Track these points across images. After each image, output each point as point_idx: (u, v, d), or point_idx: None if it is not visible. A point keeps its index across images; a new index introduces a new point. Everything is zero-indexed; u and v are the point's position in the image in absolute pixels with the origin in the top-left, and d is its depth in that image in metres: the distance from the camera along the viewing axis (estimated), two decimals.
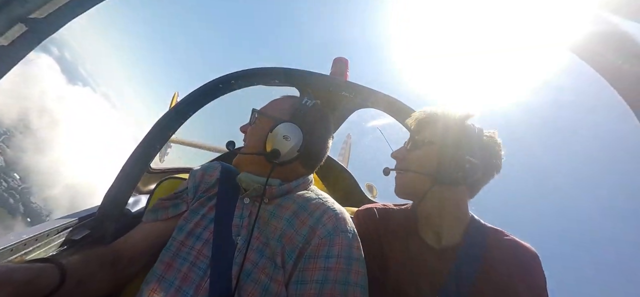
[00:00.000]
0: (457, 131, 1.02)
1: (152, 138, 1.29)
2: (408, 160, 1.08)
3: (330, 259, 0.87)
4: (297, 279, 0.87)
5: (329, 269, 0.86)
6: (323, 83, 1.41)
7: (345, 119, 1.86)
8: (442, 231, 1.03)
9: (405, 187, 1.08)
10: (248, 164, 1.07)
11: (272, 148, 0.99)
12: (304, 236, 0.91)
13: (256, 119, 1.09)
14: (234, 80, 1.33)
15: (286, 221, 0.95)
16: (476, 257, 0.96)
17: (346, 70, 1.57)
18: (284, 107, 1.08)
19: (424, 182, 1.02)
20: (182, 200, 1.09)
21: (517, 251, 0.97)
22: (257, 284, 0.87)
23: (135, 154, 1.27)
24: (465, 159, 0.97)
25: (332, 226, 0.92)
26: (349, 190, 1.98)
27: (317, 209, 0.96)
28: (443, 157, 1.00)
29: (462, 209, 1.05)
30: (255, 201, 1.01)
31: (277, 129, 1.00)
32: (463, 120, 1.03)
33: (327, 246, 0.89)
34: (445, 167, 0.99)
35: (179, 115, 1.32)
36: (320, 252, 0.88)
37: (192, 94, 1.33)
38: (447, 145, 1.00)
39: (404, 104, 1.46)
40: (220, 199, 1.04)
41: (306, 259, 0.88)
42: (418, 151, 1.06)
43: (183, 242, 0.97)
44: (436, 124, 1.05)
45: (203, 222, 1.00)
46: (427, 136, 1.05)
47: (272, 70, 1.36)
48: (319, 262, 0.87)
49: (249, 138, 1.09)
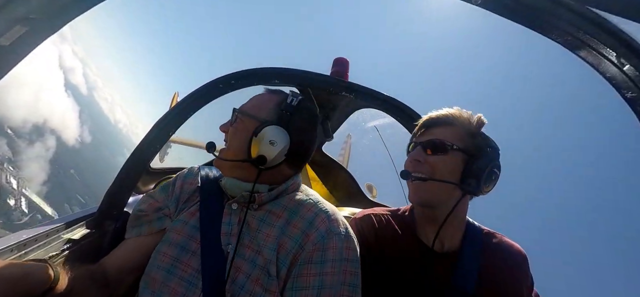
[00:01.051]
0: (481, 139, 0.98)
1: (152, 138, 1.29)
2: (431, 165, 0.97)
3: (325, 264, 0.86)
4: (292, 286, 0.85)
5: (324, 274, 0.85)
6: (323, 83, 1.41)
7: (345, 119, 1.86)
8: (445, 237, 1.01)
9: (429, 196, 0.97)
10: (231, 169, 1.00)
11: (258, 154, 0.92)
12: (297, 241, 0.89)
13: (238, 118, 1.00)
14: (233, 80, 1.33)
15: (279, 228, 0.91)
16: (476, 261, 0.97)
17: (346, 70, 1.57)
18: (269, 106, 0.99)
19: (450, 192, 0.96)
20: (164, 214, 1.04)
21: (510, 254, 1.00)
22: (251, 296, 0.85)
23: (135, 154, 1.27)
24: (493, 172, 0.94)
25: (324, 229, 0.90)
26: (349, 190, 1.98)
27: (308, 212, 0.94)
28: (471, 167, 0.94)
29: (465, 215, 1.04)
30: (244, 207, 0.96)
31: (263, 133, 0.93)
32: (482, 127, 1.00)
33: (321, 251, 0.87)
34: (474, 179, 0.93)
35: (179, 116, 1.32)
36: (314, 257, 0.87)
37: (192, 94, 1.33)
38: (474, 154, 0.95)
39: (403, 104, 1.46)
40: (204, 207, 0.98)
41: (301, 265, 0.86)
42: (443, 156, 0.97)
43: (170, 256, 0.92)
44: (460, 128, 0.99)
45: (189, 232, 0.95)
46: (452, 140, 0.97)
47: (272, 70, 1.36)
48: (313, 268, 0.86)
49: (231, 140, 1.00)
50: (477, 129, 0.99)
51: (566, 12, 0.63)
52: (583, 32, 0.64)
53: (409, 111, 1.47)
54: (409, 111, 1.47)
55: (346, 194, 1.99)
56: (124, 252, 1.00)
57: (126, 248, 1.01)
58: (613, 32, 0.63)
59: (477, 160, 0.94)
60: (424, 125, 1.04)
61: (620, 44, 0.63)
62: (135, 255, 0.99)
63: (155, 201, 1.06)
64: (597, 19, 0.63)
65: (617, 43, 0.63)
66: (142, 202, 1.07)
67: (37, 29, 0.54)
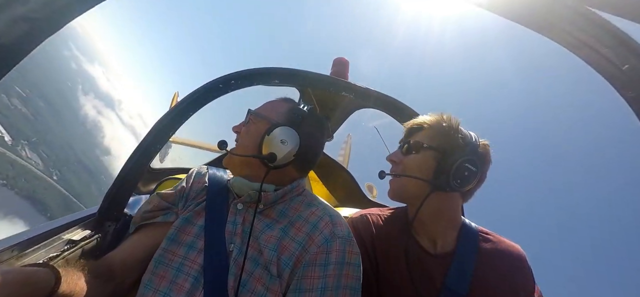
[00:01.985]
0: (456, 137, 1.00)
1: (152, 138, 1.29)
2: (404, 164, 1.05)
3: (328, 267, 0.88)
4: (295, 288, 0.87)
5: (327, 276, 0.87)
6: (323, 83, 1.41)
7: (346, 119, 1.86)
8: (437, 237, 1.03)
9: (401, 192, 1.06)
10: (240, 167, 1.03)
11: (269, 151, 0.96)
12: (301, 243, 0.90)
13: (251, 119, 1.05)
14: (234, 81, 1.33)
15: (281, 230, 0.93)
16: (470, 262, 0.97)
17: (346, 70, 1.58)
18: (281, 110, 1.05)
19: (420, 187, 1.00)
20: (171, 210, 1.05)
21: (507, 254, 1.00)
22: (254, 295, 0.86)
23: (136, 154, 1.27)
24: (464, 167, 0.96)
25: (328, 233, 0.92)
26: (349, 191, 1.98)
27: (312, 216, 0.96)
28: (442, 164, 0.97)
29: (456, 215, 1.05)
30: (250, 207, 0.99)
31: (275, 132, 0.97)
32: (459, 126, 1.02)
33: (325, 253, 0.89)
34: (444, 174, 0.96)
35: (179, 116, 1.32)
36: (318, 260, 0.88)
37: (192, 94, 1.33)
38: (446, 151, 0.98)
39: (403, 104, 1.46)
40: (210, 205, 1.01)
41: (304, 267, 0.88)
42: (415, 154, 1.03)
43: (175, 252, 0.93)
44: (433, 129, 1.03)
45: (194, 230, 0.96)
46: (424, 140, 1.02)
47: (272, 71, 1.36)
48: (317, 271, 0.87)
49: (243, 139, 1.05)
50: (449, 128, 1.01)
51: (566, 12, 0.63)
52: (583, 32, 0.64)
53: (408, 111, 1.47)
54: (408, 111, 1.47)
55: (346, 194, 1.99)
56: (130, 246, 1.01)
57: (131, 242, 1.02)
58: (613, 32, 0.63)
59: (449, 157, 0.97)
60: (406, 133, 1.11)
61: (620, 44, 0.63)
62: (140, 249, 0.99)
63: (161, 200, 1.07)
64: (597, 19, 0.63)
65: (617, 43, 0.63)
66: (150, 202, 1.09)
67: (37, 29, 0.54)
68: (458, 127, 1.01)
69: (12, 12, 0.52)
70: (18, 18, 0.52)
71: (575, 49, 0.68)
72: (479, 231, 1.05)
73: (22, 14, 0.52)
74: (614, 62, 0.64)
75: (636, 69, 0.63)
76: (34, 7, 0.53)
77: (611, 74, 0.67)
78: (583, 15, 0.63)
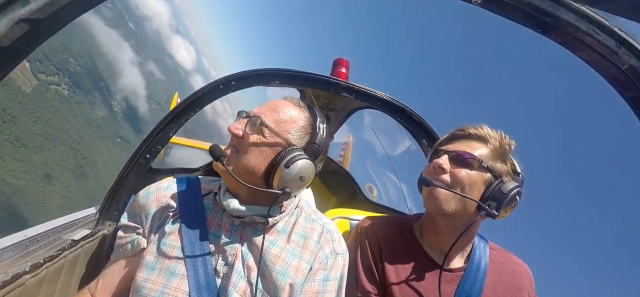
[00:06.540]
0: (512, 163, 0.94)
1: (153, 139, 1.30)
2: (456, 176, 0.93)
3: (328, 282, 0.89)
4: None
5: (326, 292, 0.88)
6: (323, 84, 1.41)
7: (346, 119, 1.86)
8: (454, 253, 0.99)
9: (447, 206, 0.93)
10: (237, 184, 0.86)
11: (283, 186, 0.84)
12: (309, 262, 0.90)
13: (261, 128, 0.88)
14: (234, 81, 1.33)
15: (289, 252, 0.89)
16: (480, 279, 0.97)
17: (347, 71, 1.58)
18: (295, 127, 0.89)
19: (466, 207, 0.93)
20: (137, 234, 0.94)
21: (516, 271, 1.01)
22: None
23: (136, 155, 1.28)
24: (515, 198, 0.91)
25: (329, 250, 0.93)
26: (350, 192, 1.98)
27: (313, 231, 0.95)
28: (495, 190, 0.91)
29: (475, 233, 1.02)
30: (249, 226, 0.91)
31: (295, 166, 0.83)
32: (510, 150, 0.95)
33: (326, 270, 0.90)
34: (495, 201, 0.90)
35: (180, 117, 1.32)
36: (317, 276, 0.88)
37: (193, 96, 1.33)
38: (500, 177, 0.92)
39: (403, 104, 1.46)
40: (186, 226, 0.88)
41: (306, 282, 0.88)
42: (468, 170, 0.92)
43: (154, 281, 0.82)
44: (487, 147, 0.95)
45: (171, 252, 0.85)
46: (484, 159, 0.93)
47: (272, 71, 1.36)
48: (315, 286, 0.87)
49: (249, 153, 0.87)
50: (506, 152, 0.95)
51: (566, 12, 0.63)
52: (583, 32, 0.64)
53: (408, 112, 1.47)
54: (408, 112, 1.47)
55: (346, 194, 1.99)
56: (110, 278, 0.93)
57: (111, 273, 0.94)
58: (613, 32, 0.63)
59: (502, 184, 0.91)
60: (453, 135, 1.01)
61: (620, 44, 0.63)
62: (117, 282, 0.92)
63: (127, 223, 0.98)
64: (597, 19, 0.63)
65: (617, 43, 0.63)
66: (119, 237, 0.98)
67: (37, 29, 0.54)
68: (510, 149, 0.96)
69: (13, 12, 0.52)
70: (19, 18, 0.52)
71: (575, 49, 0.68)
72: (490, 246, 1.04)
73: (23, 14, 0.52)
74: (614, 62, 0.64)
75: (636, 69, 0.63)
76: (34, 7, 0.53)
77: (611, 74, 0.67)
78: (583, 15, 0.63)
